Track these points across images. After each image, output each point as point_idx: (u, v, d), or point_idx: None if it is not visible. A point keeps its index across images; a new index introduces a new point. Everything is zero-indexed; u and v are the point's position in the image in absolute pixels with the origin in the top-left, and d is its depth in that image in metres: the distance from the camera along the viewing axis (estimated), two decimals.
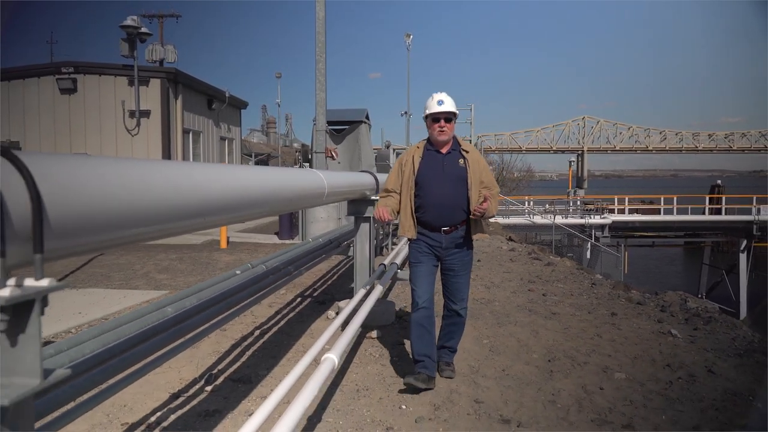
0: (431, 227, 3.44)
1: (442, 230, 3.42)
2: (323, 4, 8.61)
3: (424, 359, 3.35)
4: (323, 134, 8.64)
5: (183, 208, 1.47)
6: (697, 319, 5.33)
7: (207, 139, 14.11)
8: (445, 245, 3.44)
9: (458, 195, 3.40)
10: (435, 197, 3.41)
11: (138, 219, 1.27)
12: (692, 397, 3.41)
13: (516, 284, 6.89)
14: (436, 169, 3.46)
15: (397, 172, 3.55)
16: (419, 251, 3.48)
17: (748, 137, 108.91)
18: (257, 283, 3.29)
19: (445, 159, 3.48)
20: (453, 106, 3.49)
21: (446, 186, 3.41)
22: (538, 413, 3.13)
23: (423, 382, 3.26)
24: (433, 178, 3.44)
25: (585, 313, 5.44)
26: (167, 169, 1.52)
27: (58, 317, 4.84)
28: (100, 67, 12.14)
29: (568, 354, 4.18)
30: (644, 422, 3.05)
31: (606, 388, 3.52)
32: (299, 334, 4.61)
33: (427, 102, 3.55)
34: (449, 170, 3.44)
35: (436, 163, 3.47)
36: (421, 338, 3.38)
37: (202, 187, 1.62)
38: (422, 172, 3.45)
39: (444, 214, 3.40)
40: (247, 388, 3.47)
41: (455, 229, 3.42)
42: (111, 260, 8.36)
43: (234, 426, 2.91)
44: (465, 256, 3.51)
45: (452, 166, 3.46)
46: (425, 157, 3.50)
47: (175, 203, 1.43)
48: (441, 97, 3.48)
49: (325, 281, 6.95)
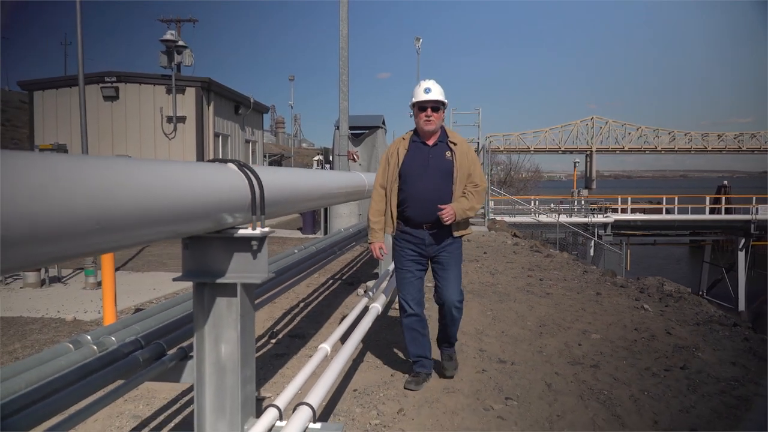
0: (414, 223, 3.29)
1: (424, 226, 3.27)
2: (346, 21, 9.62)
3: (420, 359, 3.43)
4: (346, 139, 9.65)
5: (302, 196, 2.48)
6: (669, 298, 6.27)
7: (234, 142, 15.26)
8: (429, 242, 3.30)
9: (442, 190, 3.23)
10: (418, 191, 3.23)
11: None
12: (649, 349, 4.37)
13: (517, 271, 7.85)
14: (421, 161, 3.27)
15: (384, 166, 3.40)
16: (403, 256, 3.35)
17: (758, 138, 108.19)
18: (311, 258, 4.29)
19: (431, 151, 3.29)
20: (441, 94, 3.29)
21: (430, 180, 3.24)
22: (527, 358, 4.10)
23: (419, 384, 3.37)
24: (417, 171, 3.26)
25: (574, 294, 6.40)
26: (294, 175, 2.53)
27: (138, 292, 5.88)
28: (140, 77, 13.31)
29: (556, 322, 5.14)
30: (608, 365, 4.01)
31: (583, 344, 4.48)
32: (336, 306, 5.62)
33: (414, 89, 3.33)
34: (434, 163, 3.27)
35: (422, 156, 3.29)
36: (414, 341, 3.41)
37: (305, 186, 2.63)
38: (406, 165, 3.28)
39: (427, 209, 3.20)
40: (302, 341, 4.47)
41: (438, 225, 3.24)
42: (159, 250, 9.42)
43: (299, 362, 3.91)
44: (452, 249, 3.35)
45: (438, 158, 3.27)
46: (411, 149, 3.32)
47: (296, 195, 2.44)
48: (428, 85, 3.28)
49: (351, 268, 7.96)
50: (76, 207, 1.09)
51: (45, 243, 1.02)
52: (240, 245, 1.87)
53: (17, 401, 1.56)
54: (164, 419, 3.01)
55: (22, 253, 0.98)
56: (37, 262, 1.12)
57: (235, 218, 1.84)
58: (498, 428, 2.93)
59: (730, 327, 5.15)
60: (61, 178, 1.08)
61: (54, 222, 1.03)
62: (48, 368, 1.71)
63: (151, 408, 3.14)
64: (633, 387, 3.54)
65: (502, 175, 46.08)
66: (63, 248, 1.10)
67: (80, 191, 1.12)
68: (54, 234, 1.04)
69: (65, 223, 1.06)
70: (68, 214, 1.07)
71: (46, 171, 1.04)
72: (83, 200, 1.12)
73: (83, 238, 1.13)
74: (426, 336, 3.44)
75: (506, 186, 40.72)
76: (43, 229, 1.00)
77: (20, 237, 0.95)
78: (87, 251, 1.23)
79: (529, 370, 3.81)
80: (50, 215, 1.02)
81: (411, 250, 3.34)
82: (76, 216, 1.09)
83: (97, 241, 1.20)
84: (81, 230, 1.11)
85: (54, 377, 1.70)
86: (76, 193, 1.10)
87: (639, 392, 3.45)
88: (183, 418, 3.02)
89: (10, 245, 0.93)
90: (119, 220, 1.24)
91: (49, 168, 1.06)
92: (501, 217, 20.86)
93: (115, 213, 1.22)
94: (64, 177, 1.09)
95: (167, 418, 3.02)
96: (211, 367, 1.91)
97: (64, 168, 1.11)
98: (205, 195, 1.66)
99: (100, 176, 1.21)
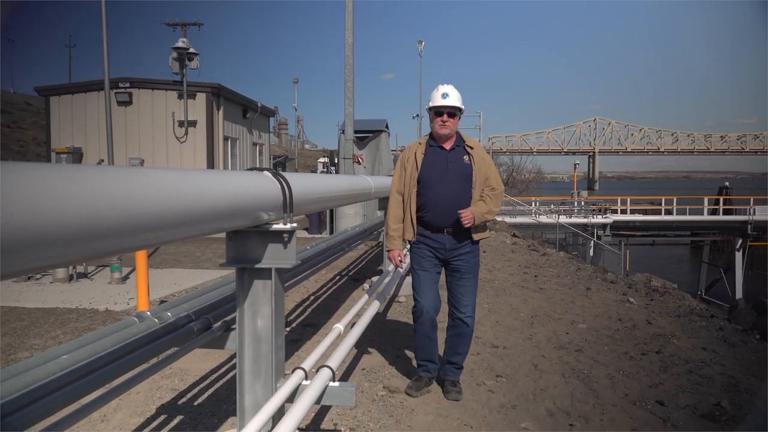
0: (434, 228, 3.26)
1: (446, 231, 3.25)
2: (352, 31, 10.07)
3: (425, 364, 3.43)
4: (351, 143, 10.10)
5: (325, 197, 2.93)
6: (655, 293, 6.70)
7: (242, 145, 15.77)
8: (449, 247, 3.26)
9: (463, 194, 3.23)
10: (438, 196, 3.22)
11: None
12: (630, 337, 4.80)
13: (514, 269, 8.29)
14: (440, 166, 3.27)
15: (400, 172, 3.37)
16: (421, 257, 3.31)
17: (761, 139, 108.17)
18: (323, 253, 4.74)
19: (449, 156, 3.29)
20: (459, 100, 3.28)
21: (450, 184, 3.24)
22: (518, 344, 4.54)
23: (420, 389, 3.37)
24: (436, 175, 3.25)
25: (566, 289, 6.83)
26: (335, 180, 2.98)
27: (160, 286, 6.34)
28: (152, 83, 13.84)
29: (547, 314, 5.57)
30: (591, 349, 4.44)
31: (570, 333, 4.92)
32: (343, 299, 6.07)
33: (431, 93, 3.34)
34: (454, 167, 3.26)
35: (440, 160, 3.28)
36: (424, 348, 3.40)
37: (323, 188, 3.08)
38: (425, 170, 3.26)
39: (448, 213, 3.19)
40: (314, 329, 4.92)
41: (459, 229, 3.23)
42: (173, 249, 9.89)
43: (312, 347, 4.35)
44: (471, 257, 3.30)
45: (457, 163, 3.27)
46: (428, 154, 3.31)
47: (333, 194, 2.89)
48: (446, 90, 3.27)
49: (356, 265, 8.41)
50: (157, 207, 1.49)
51: (107, 239, 1.28)
52: (274, 237, 2.31)
53: (103, 358, 2.01)
54: (197, 392, 3.47)
55: (113, 242, 1.36)
56: (111, 252, 1.51)
57: (270, 216, 2.29)
58: (488, 399, 3.37)
59: (707, 318, 5.58)
60: (150, 186, 1.49)
61: (134, 219, 1.41)
62: (123, 334, 2.16)
63: (185, 383, 3.59)
64: (611, 367, 3.97)
65: (505, 176, 46.47)
66: (148, 238, 1.50)
67: (164, 197, 1.53)
68: (131, 229, 1.39)
69: (148, 217, 1.46)
70: (140, 216, 1.44)
71: (116, 181, 1.40)
72: (158, 203, 1.52)
73: (154, 232, 1.52)
74: (435, 341, 3.42)
75: (508, 187, 41.12)
76: (104, 229, 1.23)
77: (109, 230, 1.33)
78: (156, 243, 1.61)
79: (518, 354, 4.25)
80: (119, 219, 1.30)
81: (430, 254, 3.29)
82: (153, 215, 1.49)
83: (166, 234, 1.60)
84: (154, 226, 1.50)
85: (128, 341, 2.15)
86: (162, 196, 1.52)
87: (615, 372, 3.88)
88: (213, 391, 3.48)
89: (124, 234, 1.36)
90: (181, 219, 1.64)
91: (130, 179, 1.47)
92: (501, 218, 21.28)
93: (177, 213, 1.62)
94: (153, 185, 1.51)
95: (199, 391, 3.47)
96: (249, 337, 2.36)
97: (152, 178, 1.53)
98: (247, 197, 2.11)
99: (167, 184, 1.63)
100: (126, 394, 3.38)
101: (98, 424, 3.03)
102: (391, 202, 3.40)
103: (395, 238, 3.33)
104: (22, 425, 1.56)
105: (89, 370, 1.91)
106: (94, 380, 1.89)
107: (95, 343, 2.06)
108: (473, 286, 3.33)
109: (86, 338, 2.08)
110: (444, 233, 3.25)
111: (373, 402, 3.30)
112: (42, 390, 1.71)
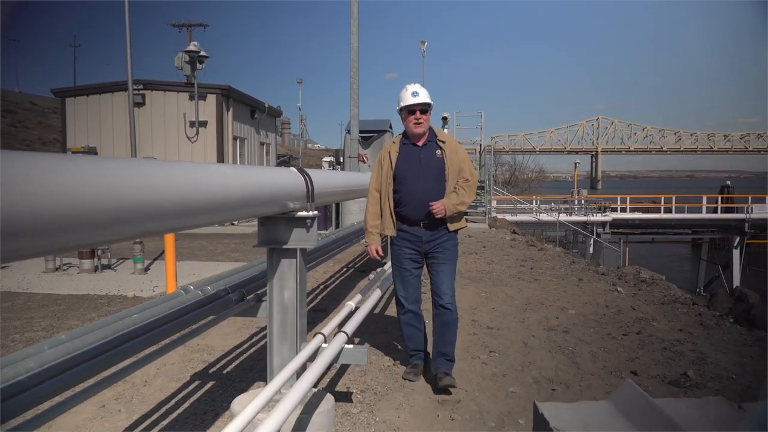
0: (410, 221, 3.44)
1: (421, 224, 3.42)
2: (357, 35, 10.51)
3: (417, 353, 3.66)
4: (356, 143, 10.55)
5: (339, 191, 3.38)
6: (642, 283, 7.13)
7: (250, 144, 16.28)
8: (426, 239, 3.43)
9: (436, 187, 3.38)
10: (413, 190, 3.38)
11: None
12: (614, 321, 5.23)
13: (511, 262, 8.72)
14: (414, 162, 3.43)
15: (377, 170, 3.54)
16: (402, 254, 3.49)
17: (764, 138, 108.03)
18: (333, 243, 5.19)
19: (422, 151, 3.45)
20: (428, 97, 3.44)
21: (424, 179, 3.40)
22: (511, 326, 4.98)
23: (417, 375, 3.60)
24: (410, 171, 3.41)
25: (559, 280, 7.26)
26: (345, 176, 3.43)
27: (181, 276, 6.79)
28: (164, 85, 14.36)
29: (540, 301, 6.01)
30: (577, 331, 4.87)
31: (560, 317, 5.35)
32: (351, 288, 6.52)
33: (400, 94, 3.48)
34: (426, 162, 3.42)
35: (413, 156, 3.44)
36: (412, 337, 3.62)
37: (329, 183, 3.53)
38: (399, 167, 3.43)
39: (422, 207, 3.35)
40: (324, 314, 5.36)
41: (433, 221, 3.40)
42: (186, 243, 10.36)
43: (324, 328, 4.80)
44: (448, 245, 3.47)
45: (429, 158, 3.43)
46: (402, 152, 3.47)
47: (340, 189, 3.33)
48: (415, 89, 3.43)
49: (362, 258, 8.86)
50: (200, 196, 1.95)
51: (164, 219, 1.71)
52: (298, 222, 2.76)
53: (162, 319, 2.46)
54: (224, 363, 3.93)
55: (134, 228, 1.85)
56: (152, 232, 2.01)
57: (295, 204, 2.74)
58: (482, 369, 3.82)
59: (689, 305, 6.01)
60: (185, 180, 1.94)
61: (175, 203, 1.90)
62: (175, 302, 2.62)
63: (213, 356, 4.06)
64: (593, 345, 4.41)
65: (507, 175, 46.84)
66: (190, 221, 1.96)
67: (203, 188, 1.99)
68: (173, 212, 1.86)
69: (190, 202, 1.92)
70: (187, 202, 1.89)
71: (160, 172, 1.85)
72: (200, 194, 1.96)
73: (197, 215, 1.97)
74: (422, 331, 3.65)
75: (510, 186, 41.50)
76: (152, 211, 1.50)
77: (134, 216, 1.83)
78: (196, 224, 2.05)
79: (510, 334, 4.69)
80: (161, 205, 1.55)
81: (408, 248, 3.47)
82: (198, 201, 1.94)
83: (206, 218, 2.04)
84: (195, 210, 1.95)
85: (179, 307, 2.60)
86: (204, 188, 1.97)
87: (597, 348, 4.32)
88: (239, 362, 3.94)
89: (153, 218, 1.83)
90: (220, 206, 2.08)
91: (172, 172, 1.95)
92: (503, 215, 21.70)
93: (216, 200, 2.06)
94: (189, 178, 1.95)
95: (226, 363, 3.94)
96: (277, 306, 2.81)
97: (193, 173, 1.99)
98: (277, 189, 2.56)
99: (224, 178, 2.09)
100: (162, 365, 3.86)
101: (141, 388, 3.49)
102: (368, 199, 3.60)
103: (373, 233, 3.54)
104: (99, 369, 2.00)
105: (152, 327, 2.37)
106: (157, 335, 2.35)
107: (154, 307, 2.53)
108: (451, 272, 3.47)
109: (146, 304, 2.54)
110: (420, 226, 3.42)
111: (380, 371, 3.75)
112: (118, 340, 2.16)
